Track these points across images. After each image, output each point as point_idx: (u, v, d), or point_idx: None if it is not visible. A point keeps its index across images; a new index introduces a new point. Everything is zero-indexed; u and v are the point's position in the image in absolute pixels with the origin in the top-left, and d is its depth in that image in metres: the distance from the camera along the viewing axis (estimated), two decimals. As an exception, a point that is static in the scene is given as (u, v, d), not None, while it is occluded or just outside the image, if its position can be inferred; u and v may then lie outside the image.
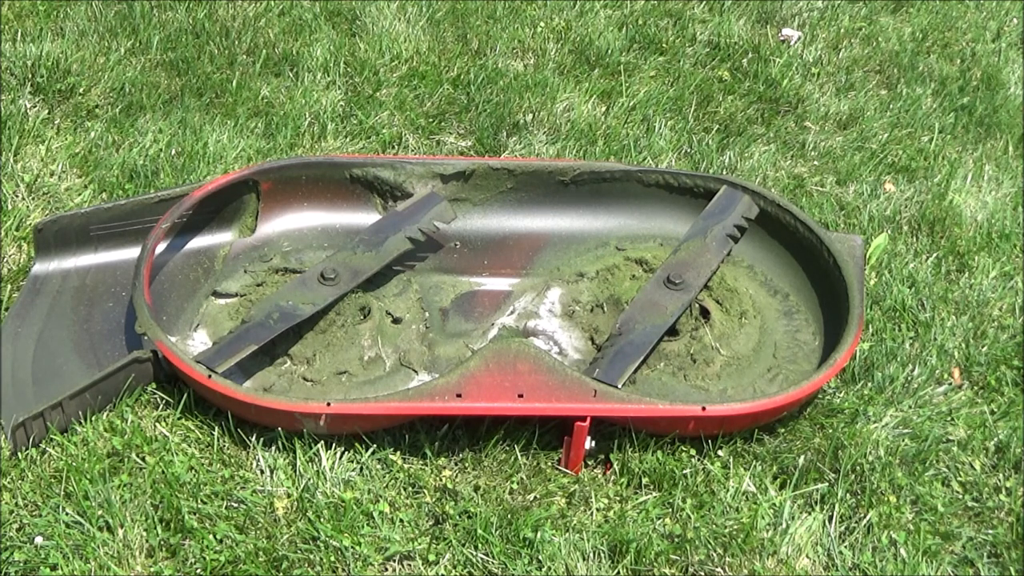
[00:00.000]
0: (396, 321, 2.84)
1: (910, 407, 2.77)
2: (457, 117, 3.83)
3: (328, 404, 2.43)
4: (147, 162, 3.39)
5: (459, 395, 2.46)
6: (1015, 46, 4.65)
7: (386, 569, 2.34)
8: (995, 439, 2.70)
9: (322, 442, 2.52)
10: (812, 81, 4.22)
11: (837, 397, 2.79)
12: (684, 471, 2.54)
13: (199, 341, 2.76)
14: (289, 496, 2.44)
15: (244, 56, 4.01)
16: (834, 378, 2.77)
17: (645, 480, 2.54)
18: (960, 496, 2.57)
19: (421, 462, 2.55)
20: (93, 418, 2.54)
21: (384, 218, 3.04)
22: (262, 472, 2.49)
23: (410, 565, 2.34)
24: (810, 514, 2.48)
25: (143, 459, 2.47)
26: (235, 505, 2.41)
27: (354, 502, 2.41)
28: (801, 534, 2.43)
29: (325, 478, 2.46)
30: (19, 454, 2.45)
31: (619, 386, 2.55)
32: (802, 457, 2.59)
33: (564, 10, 4.52)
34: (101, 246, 2.93)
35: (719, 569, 2.36)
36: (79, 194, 3.26)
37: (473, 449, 2.58)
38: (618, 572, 2.35)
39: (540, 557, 2.34)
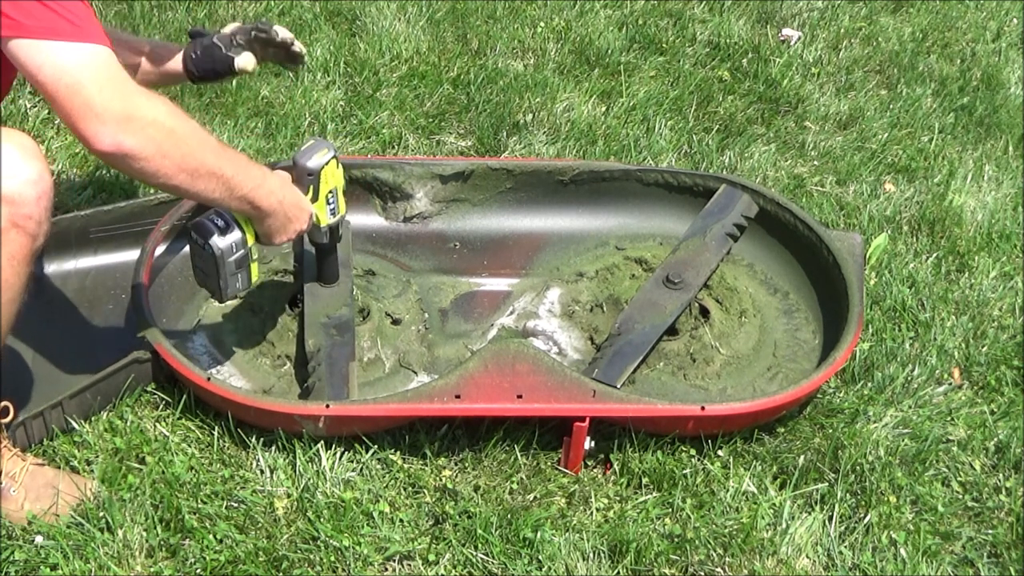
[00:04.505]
0: (395, 322, 2.84)
1: (910, 407, 2.77)
2: (457, 117, 3.83)
3: (327, 406, 2.43)
4: (147, 163, 3.38)
5: (458, 396, 2.46)
6: (1015, 46, 4.65)
7: (386, 569, 2.34)
8: (995, 439, 2.69)
9: (322, 442, 2.52)
10: (812, 81, 4.22)
11: (837, 397, 2.78)
12: (684, 471, 2.54)
13: (199, 343, 2.76)
14: (289, 496, 2.44)
15: (244, 57, 4.01)
16: (834, 378, 2.77)
17: (645, 480, 2.54)
18: (960, 496, 2.57)
19: (421, 462, 2.55)
20: (93, 418, 2.54)
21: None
22: (262, 472, 2.48)
23: (410, 565, 2.34)
24: (810, 514, 2.48)
25: (143, 459, 2.47)
26: (235, 505, 2.41)
27: (354, 502, 2.41)
28: (801, 534, 2.43)
29: (325, 478, 2.46)
30: (19, 455, 2.45)
31: (618, 386, 2.55)
32: (802, 457, 2.59)
33: (564, 10, 4.52)
34: (101, 248, 2.93)
35: (719, 569, 2.36)
36: (79, 195, 3.26)
37: (473, 449, 2.58)
38: (618, 572, 2.34)
39: (540, 557, 2.34)
